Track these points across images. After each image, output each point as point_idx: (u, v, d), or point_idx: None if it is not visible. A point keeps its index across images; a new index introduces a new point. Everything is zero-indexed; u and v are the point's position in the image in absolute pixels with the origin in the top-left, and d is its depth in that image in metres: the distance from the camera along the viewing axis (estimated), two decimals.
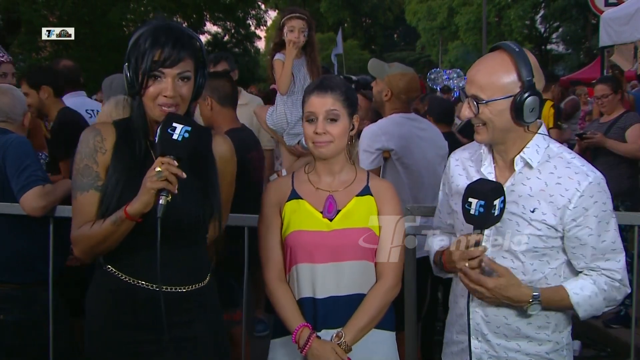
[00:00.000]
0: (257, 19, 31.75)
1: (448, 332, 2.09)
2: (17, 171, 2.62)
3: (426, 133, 3.45)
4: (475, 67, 1.83)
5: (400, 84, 3.39)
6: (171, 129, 1.70)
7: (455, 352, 2.03)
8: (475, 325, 1.91)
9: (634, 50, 7.66)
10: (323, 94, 2.03)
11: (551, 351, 1.90)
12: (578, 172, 1.81)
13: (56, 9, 16.19)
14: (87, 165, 1.86)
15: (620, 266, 1.85)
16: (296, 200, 2.08)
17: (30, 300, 2.71)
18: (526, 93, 1.75)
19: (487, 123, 1.80)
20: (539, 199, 1.81)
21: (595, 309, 1.86)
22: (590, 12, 17.21)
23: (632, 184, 4.66)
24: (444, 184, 2.10)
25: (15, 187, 2.62)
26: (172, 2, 22.97)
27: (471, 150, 2.03)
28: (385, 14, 44.60)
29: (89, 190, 1.85)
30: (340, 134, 2.03)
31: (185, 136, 1.71)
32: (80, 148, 1.88)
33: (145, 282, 1.87)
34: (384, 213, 2.08)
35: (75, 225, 1.87)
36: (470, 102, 1.80)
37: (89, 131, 1.91)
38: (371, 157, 3.28)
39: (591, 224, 1.79)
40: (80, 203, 1.87)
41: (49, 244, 2.70)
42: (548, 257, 1.85)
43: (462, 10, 33.08)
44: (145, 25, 1.85)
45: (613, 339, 4.49)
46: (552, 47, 35.36)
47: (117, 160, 1.86)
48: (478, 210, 1.74)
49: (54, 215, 2.68)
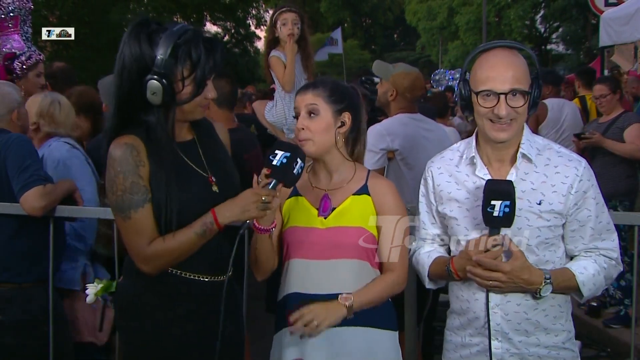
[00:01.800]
0: (257, 18, 31.76)
1: (455, 337, 2.05)
2: (17, 171, 2.62)
3: (432, 134, 3.45)
4: (498, 64, 1.83)
5: (404, 83, 3.41)
6: (272, 155, 1.87)
7: (466, 355, 2.01)
8: (495, 325, 1.91)
9: (634, 50, 7.66)
10: (305, 91, 2.07)
11: (566, 340, 1.96)
12: (571, 159, 1.91)
13: (56, 9, 16.20)
14: (133, 182, 1.82)
15: (615, 245, 1.94)
16: (295, 197, 2.11)
17: (29, 300, 2.71)
18: (539, 86, 1.85)
19: (518, 117, 1.84)
20: (542, 191, 1.87)
21: (597, 287, 1.92)
22: (590, 12, 17.22)
23: (631, 184, 4.67)
24: (425, 196, 2.09)
25: (16, 186, 2.61)
26: (172, 2, 23.01)
27: (452, 156, 2.04)
28: (385, 14, 44.58)
29: (143, 205, 1.83)
30: (320, 129, 2.02)
31: (284, 162, 1.86)
32: (119, 167, 1.81)
33: (197, 274, 1.93)
34: (384, 213, 2.07)
35: (143, 244, 1.83)
36: (511, 97, 1.81)
37: (122, 148, 1.82)
38: (376, 156, 3.29)
39: (590, 205, 1.89)
40: (139, 220, 1.83)
41: (49, 243, 2.71)
42: (555, 246, 1.92)
43: (462, 10, 33.05)
44: (174, 34, 1.79)
45: (613, 339, 4.49)
46: (552, 47, 35.38)
47: (158, 171, 1.85)
48: (503, 211, 1.76)
49: (54, 215, 2.68)
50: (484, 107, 1.84)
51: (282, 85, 3.45)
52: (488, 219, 1.79)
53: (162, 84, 1.77)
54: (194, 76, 1.82)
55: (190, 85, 1.83)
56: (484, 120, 1.87)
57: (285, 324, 2.01)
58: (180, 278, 1.91)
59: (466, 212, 1.95)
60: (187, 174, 1.90)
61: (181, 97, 1.83)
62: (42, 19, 15.41)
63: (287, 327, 1.99)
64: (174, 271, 1.91)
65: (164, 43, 1.77)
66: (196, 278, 1.93)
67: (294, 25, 3.41)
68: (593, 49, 24.41)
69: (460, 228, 1.97)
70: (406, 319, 2.71)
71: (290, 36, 3.38)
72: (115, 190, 1.82)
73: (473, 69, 1.90)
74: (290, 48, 3.38)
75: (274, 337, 2.14)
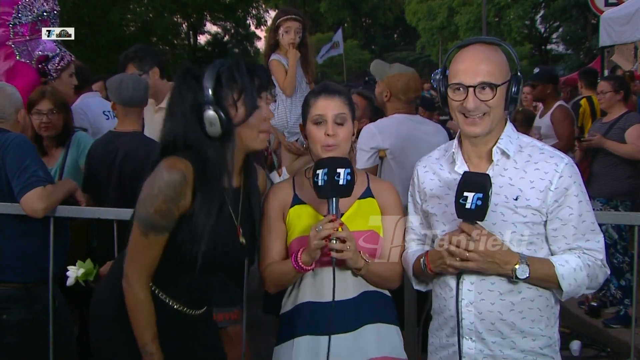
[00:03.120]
0: (257, 18, 31.79)
1: (435, 338, 2.05)
2: (17, 171, 2.62)
3: (429, 135, 3.43)
4: (470, 58, 1.84)
5: (398, 84, 3.41)
6: (337, 176, 1.88)
7: (445, 356, 2.00)
8: (468, 324, 1.89)
9: (634, 50, 7.66)
10: (331, 97, 2.06)
11: (545, 346, 1.91)
12: (553, 155, 1.88)
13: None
14: (169, 209, 1.84)
15: (601, 246, 1.90)
16: (300, 206, 2.09)
17: (32, 299, 2.71)
18: (518, 81, 1.84)
19: (490, 111, 1.84)
20: (520, 187, 1.86)
21: (578, 284, 1.86)
22: (590, 12, 17.23)
23: (632, 184, 4.66)
24: (412, 195, 2.10)
25: (16, 187, 2.61)
26: (172, 2, 23.01)
27: (437, 154, 2.07)
28: (385, 14, 44.55)
29: (164, 233, 1.87)
30: (347, 137, 2.06)
31: (349, 179, 1.89)
32: (165, 189, 1.83)
33: (184, 306, 1.99)
34: (386, 214, 2.10)
35: (141, 264, 1.90)
36: (480, 90, 1.81)
37: (175, 174, 1.83)
38: (366, 155, 3.29)
39: (572, 203, 1.85)
40: (153, 245, 1.88)
41: (49, 243, 2.71)
42: (535, 245, 1.88)
43: (462, 10, 33.04)
44: (216, 65, 1.87)
45: (613, 339, 4.49)
46: (552, 47, 35.34)
47: (202, 204, 1.86)
48: (475, 203, 1.73)
49: (54, 215, 2.68)
50: (454, 101, 1.86)
51: (282, 90, 3.47)
52: (460, 211, 1.77)
53: (216, 112, 1.82)
54: (243, 97, 1.86)
55: (243, 106, 1.87)
56: (457, 115, 1.88)
57: (297, 333, 2.02)
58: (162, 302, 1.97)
59: (445, 207, 1.95)
60: (223, 218, 1.93)
61: (237, 120, 1.87)
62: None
63: (296, 335, 2.01)
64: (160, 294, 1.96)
65: (209, 76, 1.84)
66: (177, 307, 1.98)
67: (296, 34, 3.46)
68: (593, 49, 24.39)
69: (439, 224, 1.97)
70: (406, 318, 2.71)
71: (291, 45, 3.44)
72: (150, 206, 1.85)
73: (450, 64, 1.91)
74: (292, 55, 3.42)
75: (275, 349, 2.13)
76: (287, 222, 2.09)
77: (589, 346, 4.49)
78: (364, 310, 2.04)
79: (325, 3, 41.60)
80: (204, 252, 1.86)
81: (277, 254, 2.08)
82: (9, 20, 3.54)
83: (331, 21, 41.19)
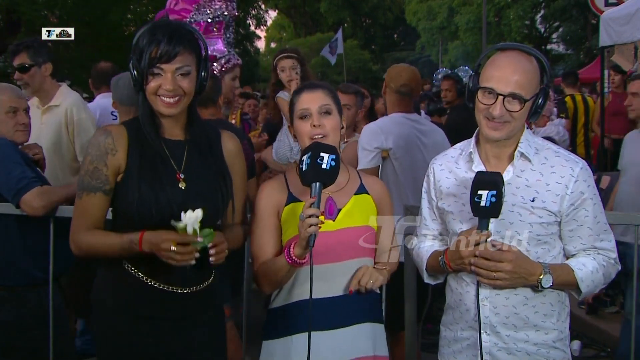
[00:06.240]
0: (257, 18, 31.78)
1: (448, 331, 2.10)
2: (3, 176, 2.58)
3: (428, 135, 3.46)
4: (506, 66, 1.87)
5: (391, 73, 3.55)
6: (320, 159, 1.85)
7: (458, 350, 2.05)
8: (483, 318, 1.94)
9: (634, 50, 7.65)
10: (314, 90, 2.09)
11: (557, 339, 1.98)
12: (568, 159, 1.95)
13: (56, 9, 16.18)
14: (96, 167, 1.89)
15: (613, 245, 2.00)
16: (294, 204, 2.08)
17: (19, 303, 2.70)
18: (546, 95, 1.90)
19: (512, 120, 1.87)
20: (536, 189, 1.91)
21: (595, 285, 1.95)
22: (590, 12, 17.21)
23: None
24: (427, 192, 2.14)
25: (8, 194, 2.58)
26: None
27: (453, 154, 2.10)
28: (385, 14, 44.51)
29: (96, 192, 1.90)
30: (334, 127, 2.06)
31: (332, 164, 1.87)
32: (90, 150, 1.91)
33: (163, 284, 1.95)
34: (383, 211, 2.13)
35: (80, 227, 1.93)
36: (509, 100, 1.85)
37: (100, 133, 1.94)
38: (369, 155, 3.29)
39: (587, 206, 1.93)
40: (87, 205, 1.91)
41: (49, 243, 2.71)
42: (549, 245, 1.94)
43: (462, 10, 33.03)
44: (147, 24, 1.90)
45: (613, 339, 4.49)
46: (552, 47, 35.31)
47: (132, 160, 1.90)
48: (489, 200, 1.79)
49: (54, 215, 2.68)
50: (482, 104, 1.89)
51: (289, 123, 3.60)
52: (475, 209, 1.82)
53: (131, 73, 1.89)
54: (142, 65, 1.87)
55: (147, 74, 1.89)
56: (480, 117, 1.92)
57: (296, 329, 2.02)
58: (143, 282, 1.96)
59: (462, 206, 1.99)
60: (164, 167, 1.94)
61: (146, 86, 1.90)
62: (42, 19, 15.39)
63: (295, 332, 2.02)
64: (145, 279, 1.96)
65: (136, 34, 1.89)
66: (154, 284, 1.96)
67: (292, 71, 3.64)
68: (593, 49, 24.41)
69: (456, 222, 2.01)
70: (406, 317, 2.71)
71: (290, 82, 3.62)
72: (82, 169, 1.93)
73: (485, 64, 1.94)
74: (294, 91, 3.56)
75: (263, 343, 2.13)
76: (282, 221, 2.08)
77: (589, 346, 4.51)
78: (356, 308, 2.05)
79: (325, 3, 41.57)
80: (138, 205, 1.86)
81: (271, 253, 2.07)
82: (187, 17, 3.66)
83: (331, 21, 41.18)
